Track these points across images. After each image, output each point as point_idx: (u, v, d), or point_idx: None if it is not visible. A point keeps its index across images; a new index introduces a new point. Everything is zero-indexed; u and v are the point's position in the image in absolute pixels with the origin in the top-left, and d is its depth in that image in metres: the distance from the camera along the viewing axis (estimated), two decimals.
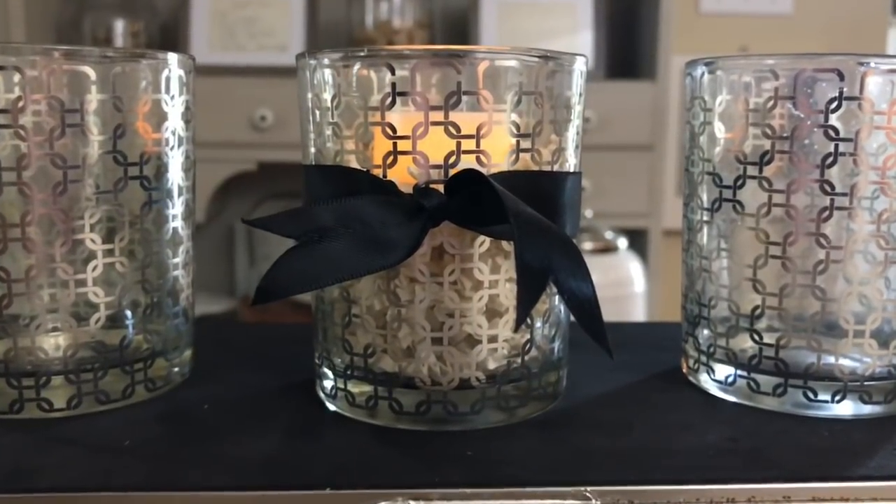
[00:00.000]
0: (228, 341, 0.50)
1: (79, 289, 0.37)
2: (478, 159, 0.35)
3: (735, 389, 0.40)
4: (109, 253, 0.37)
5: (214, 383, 0.42)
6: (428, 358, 0.36)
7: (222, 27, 1.63)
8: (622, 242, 1.44)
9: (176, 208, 0.40)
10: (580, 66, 0.37)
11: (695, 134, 0.41)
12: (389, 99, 0.34)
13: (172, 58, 0.39)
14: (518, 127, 0.35)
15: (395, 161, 0.35)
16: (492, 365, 0.36)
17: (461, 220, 0.34)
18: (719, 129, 0.40)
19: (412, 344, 0.36)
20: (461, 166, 0.34)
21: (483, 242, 0.35)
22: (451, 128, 0.34)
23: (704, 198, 0.41)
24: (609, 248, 1.41)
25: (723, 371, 0.41)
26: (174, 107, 0.39)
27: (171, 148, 0.40)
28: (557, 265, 0.32)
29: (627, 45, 1.65)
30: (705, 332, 0.42)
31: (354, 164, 0.36)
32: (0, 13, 1.48)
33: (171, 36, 1.65)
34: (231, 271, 1.89)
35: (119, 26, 1.61)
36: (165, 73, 0.39)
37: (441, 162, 0.34)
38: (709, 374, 0.41)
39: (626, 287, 1.42)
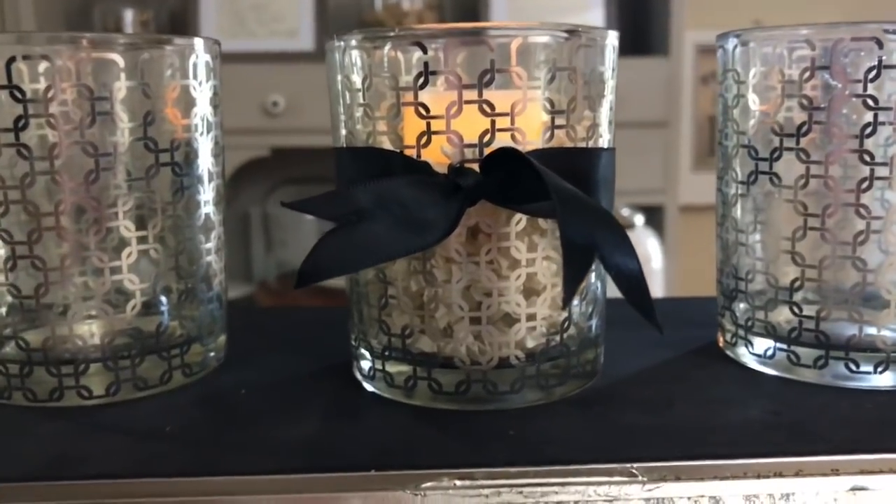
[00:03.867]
0: (260, 326, 0.50)
1: (113, 276, 0.37)
2: (512, 137, 0.34)
3: (775, 363, 0.40)
4: (143, 240, 0.37)
5: (250, 368, 0.42)
6: (466, 338, 0.36)
7: (231, 14, 1.63)
8: (639, 219, 1.43)
9: (207, 194, 0.40)
10: (612, 41, 0.37)
11: (728, 107, 0.41)
12: (422, 79, 0.34)
13: (199, 43, 0.39)
14: (552, 104, 0.35)
15: (428, 141, 0.34)
16: (530, 343, 0.36)
17: (498, 199, 0.34)
18: (753, 102, 0.39)
19: (450, 324, 0.36)
20: (496, 145, 0.34)
21: (519, 221, 0.35)
22: (485, 106, 0.34)
23: (739, 171, 0.41)
24: (625, 226, 1.40)
25: (762, 344, 0.40)
26: (202, 92, 0.39)
27: (201, 134, 0.39)
28: (602, 241, 0.32)
29: (639, 21, 1.64)
30: (742, 305, 0.41)
31: (387, 146, 0.35)
32: (10, 4, 1.48)
33: (180, 24, 1.65)
34: (247, 257, 1.89)
35: (128, 16, 1.60)
36: (193, 58, 0.38)
37: (475, 141, 0.34)
38: (747, 347, 0.41)
39: (644, 264, 1.41)
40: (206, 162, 0.40)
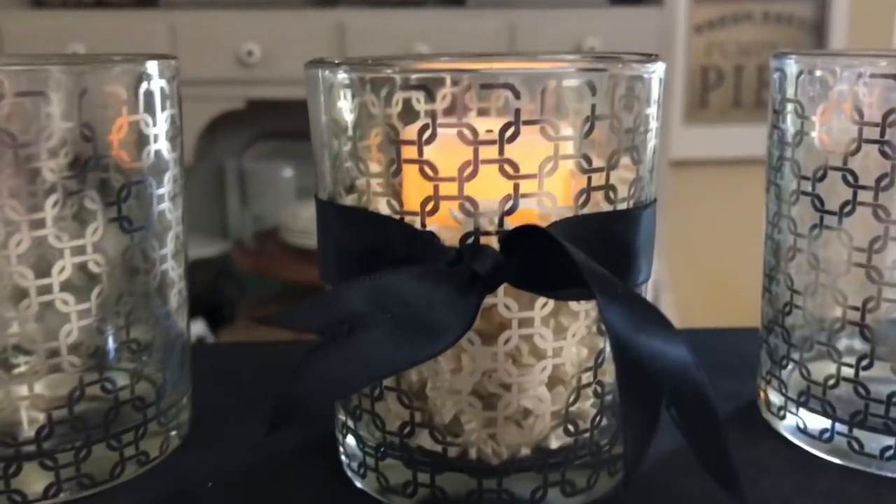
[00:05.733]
0: (228, 375, 0.43)
1: (51, 360, 0.30)
2: (540, 203, 0.28)
3: (832, 447, 0.34)
4: (84, 314, 0.31)
5: (218, 443, 0.36)
6: (477, 437, 0.30)
7: None
8: None
9: (165, 247, 0.33)
10: (660, 72, 0.30)
11: (785, 143, 0.34)
12: (428, 132, 0.27)
13: (152, 66, 0.32)
14: (589, 161, 0.28)
15: (436, 208, 0.28)
16: (554, 444, 0.30)
17: (521, 283, 0.28)
18: (820, 143, 0.33)
19: (458, 421, 0.30)
20: (519, 213, 0.27)
21: (546, 304, 0.29)
22: (507, 167, 0.27)
23: (798, 221, 0.34)
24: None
25: (816, 422, 0.35)
26: (158, 126, 0.32)
27: (156, 175, 0.32)
28: (668, 373, 0.25)
29: None
30: (794, 375, 0.35)
31: (383, 209, 0.29)
32: None
33: None
34: (223, 212, 1.81)
35: None
36: (144, 87, 0.31)
37: (495, 208, 0.28)
38: (799, 426, 0.35)
39: None
40: (162, 208, 0.33)
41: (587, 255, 0.27)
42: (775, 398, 0.36)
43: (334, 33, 1.47)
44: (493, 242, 0.28)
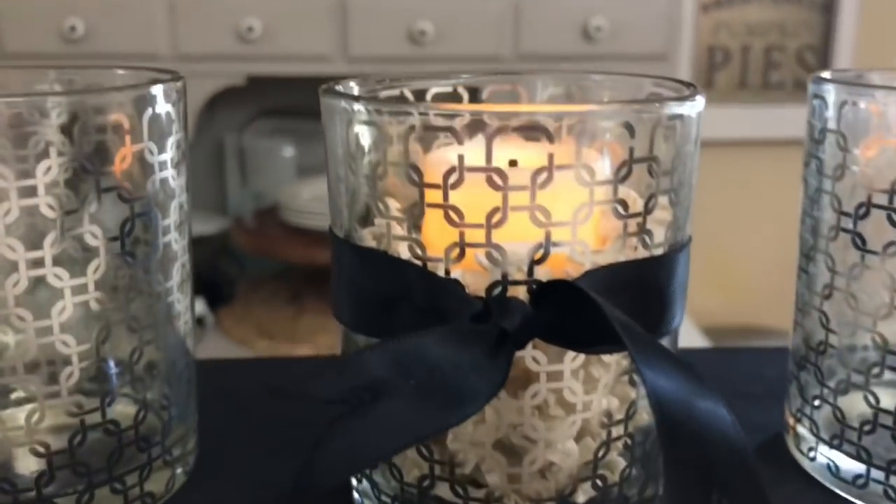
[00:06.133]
0: (234, 400, 0.41)
1: (50, 401, 0.29)
2: (572, 251, 0.26)
3: (866, 494, 0.33)
4: (85, 355, 0.29)
5: (224, 479, 0.34)
6: (502, 491, 0.28)
7: None
8: None
9: (171, 279, 0.32)
10: (700, 106, 0.28)
11: (824, 175, 0.33)
12: (455, 175, 0.25)
13: (157, 90, 0.30)
14: (625, 206, 0.26)
15: (461, 255, 0.26)
16: (581, 498, 0.29)
17: (552, 338, 0.26)
18: (864, 179, 0.31)
19: (480, 472, 0.28)
20: (551, 261, 0.26)
21: (576, 355, 0.27)
22: (538, 214, 0.25)
23: (836, 259, 0.32)
24: None
25: (849, 466, 0.33)
26: (163, 154, 0.30)
27: (161, 203, 0.31)
28: (718, 457, 0.23)
29: None
30: (827, 415, 0.34)
31: (404, 253, 0.27)
32: None
33: None
34: (222, 189, 1.79)
35: None
36: (148, 114, 0.29)
37: (525, 254, 0.26)
38: (830, 469, 0.34)
39: None
40: (168, 240, 0.31)
41: (621, 303, 0.25)
42: (806, 437, 0.35)
43: (336, 9, 1.44)
44: (522, 292, 0.26)
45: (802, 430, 0.35)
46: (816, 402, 0.34)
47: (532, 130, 0.25)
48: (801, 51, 1.79)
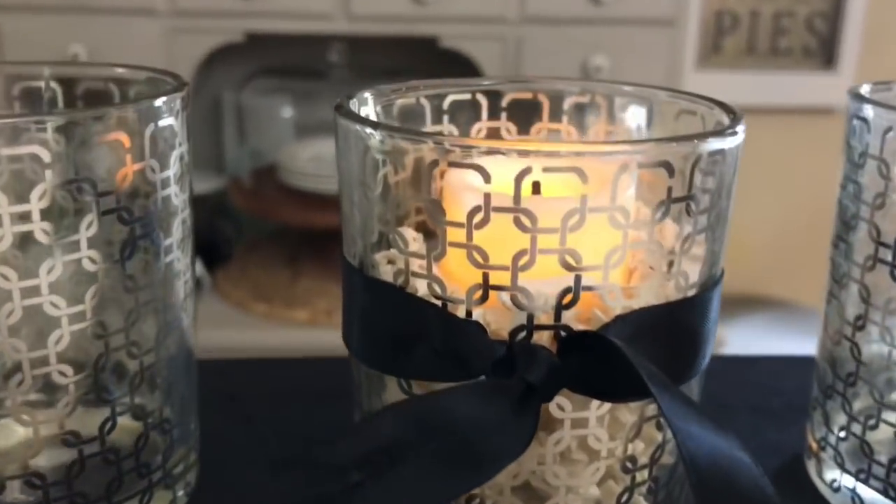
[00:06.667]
0: (234, 405, 0.40)
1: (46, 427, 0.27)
2: (603, 295, 0.24)
3: None
4: (80, 385, 0.28)
5: (228, 498, 0.33)
6: None
7: None
8: None
9: (175, 294, 0.30)
10: (740, 136, 0.26)
11: (863, 201, 0.31)
12: (481, 214, 0.24)
13: (160, 103, 0.28)
14: (661, 247, 0.25)
15: (484, 297, 0.24)
16: None
17: (580, 388, 0.25)
18: None
19: None
20: (579, 304, 0.24)
21: (601, 404, 0.26)
22: (568, 258, 0.24)
23: (873, 289, 0.31)
24: None
25: (876, 500, 0.32)
26: (167, 171, 0.29)
27: (163, 220, 0.29)
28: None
29: None
30: (853, 447, 0.33)
31: (422, 290, 0.25)
32: None
33: None
34: (219, 147, 1.76)
35: None
36: (150, 130, 0.28)
37: (552, 297, 0.24)
38: (855, 501, 0.33)
39: None
40: (171, 258, 0.30)
41: (653, 347, 0.24)
42: (830, 468, 0.34)
43: None
44: (547, 337, 0.25)
45: (826, 460, 0.34)
46: (842, 434, 0.33)
47: (566, 172, 0.23)
48: (810, 17, 1.75)
